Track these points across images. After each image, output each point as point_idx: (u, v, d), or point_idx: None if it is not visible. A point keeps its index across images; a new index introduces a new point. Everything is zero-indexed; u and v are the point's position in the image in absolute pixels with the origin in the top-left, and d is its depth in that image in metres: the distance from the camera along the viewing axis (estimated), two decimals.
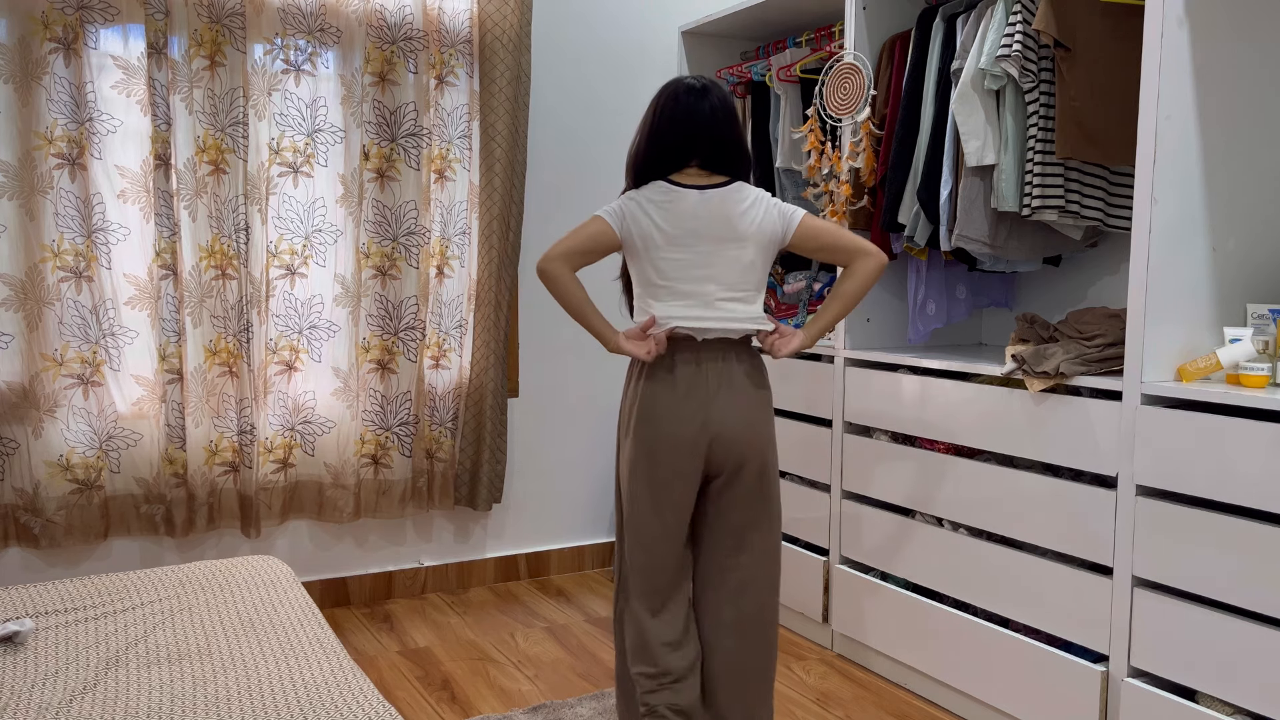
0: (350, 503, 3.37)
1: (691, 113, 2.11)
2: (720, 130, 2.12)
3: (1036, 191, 2.49)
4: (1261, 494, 1.97)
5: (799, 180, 3.43)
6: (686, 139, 2.11)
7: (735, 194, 2.12)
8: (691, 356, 2.12)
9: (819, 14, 3.42)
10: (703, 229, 2.10)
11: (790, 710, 2.73)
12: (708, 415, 2.10)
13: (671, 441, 2.10)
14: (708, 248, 2.11)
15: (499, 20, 3.42)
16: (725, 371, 2.12)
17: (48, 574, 3.10)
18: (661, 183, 2.13)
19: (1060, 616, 2.40)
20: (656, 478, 2.13)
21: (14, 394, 2.96)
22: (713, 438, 2.10)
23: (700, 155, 2.13)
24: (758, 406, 2.15)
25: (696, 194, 2.11)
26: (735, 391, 2.12)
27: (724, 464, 2.13)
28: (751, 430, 2.12)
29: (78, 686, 1.75)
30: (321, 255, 3.31)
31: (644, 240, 2.11)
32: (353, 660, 2.22)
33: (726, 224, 2.10)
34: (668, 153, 2.13)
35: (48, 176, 2.93)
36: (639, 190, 2.15)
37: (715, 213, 2.10)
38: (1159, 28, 2.14)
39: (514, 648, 3.16)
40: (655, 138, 2.14)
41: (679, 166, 2.13)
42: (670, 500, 2.14)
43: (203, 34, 3.07)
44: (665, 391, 2.11)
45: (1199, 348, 2.26)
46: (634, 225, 2.12)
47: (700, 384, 2.10)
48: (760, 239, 2.13)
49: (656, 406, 2.11)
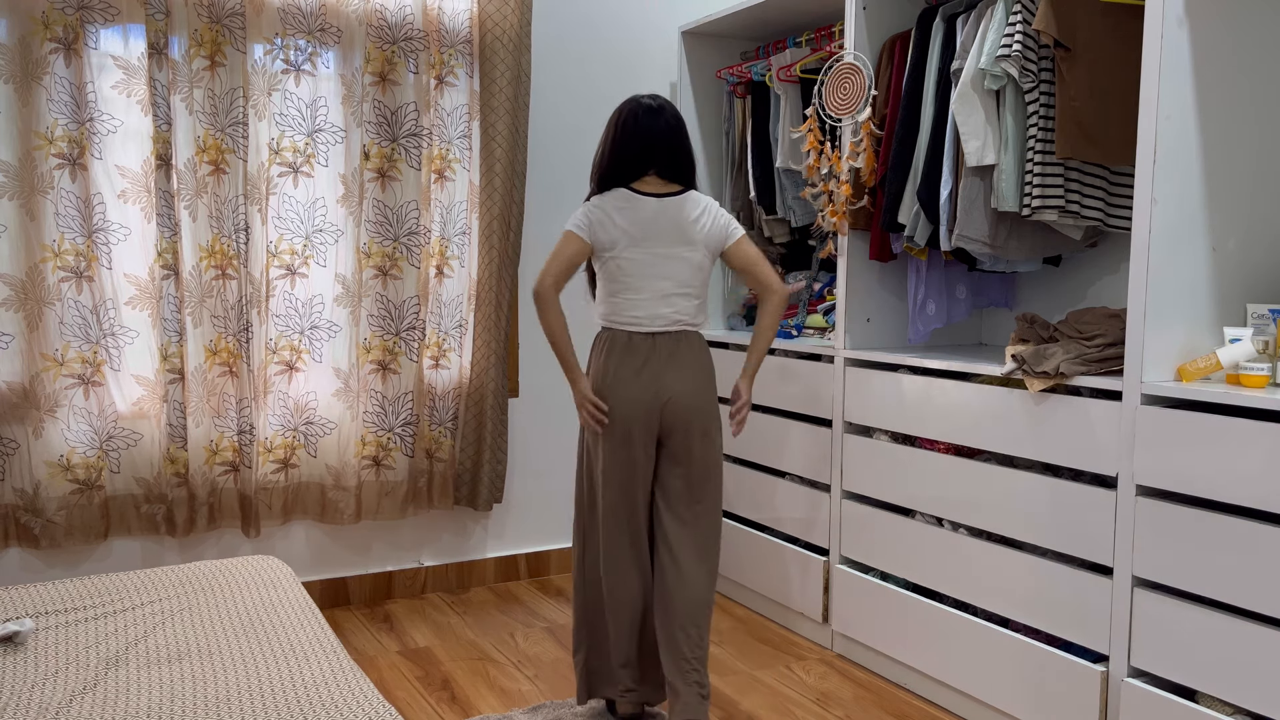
0: (351, 504, 3.37)
1: (650, 127, 2.45)
2: (674, 143, 2.46)
3: (1036, 191, 2.49)
4: (1261, 494, 1.97)
5: (799, 180, 3.43)
6: (645, 150, 2.44)
7: (688, 202, 2.46)
8: (648, 338, 2.45)
9: (819, 14, 3.42)
10: (660, 232, 2.43)
11: (790, 710, 2.73)
12: (660, 385, 2.43)
13: (630, 405, 2.42)
14: (663, 249, 2.43)
15: (499, 20, 3.42)
16: (675, 351, 2.45)
17: (48, 574, 3.10)
18: (624, 190, 2.45)
19: (1060, 616, 2.40)
20: (620, 432, 2.44)
21: (14, 394, 2.96)
22: (664, 403, 2.43)
23: (658, 165, 2.46)
24: (703, 380, 2.48)
25: (655, 201, 2.43)
26: (683, 366, 2.45)
27: (674, 425, 2.44)
28: (699, 398, 2.45)
29: (78, 686, 1.75)
30: (322, 255, 3.31)
31: (610, 242, 2.43)
32: (353, 660, 2.22)
33: (680, 229, 2.44)
34: (630, 162, 2.45)
35: (48, 176, 2.93)
36: (603, 197, 2.46)
37: (671, 218, 2.43)
38: (1159, 28, 2.14)
39: (514, 648, 3.16)
40: (618, 149, 2.46)
41: (639, 175, 2.46)
42: (631, 455, 2.44)
43: (203, 34, 3.07)
44: (626, 365, 2.44)
45: (1199, 348, 2.26)
46: (600, 230, 2.43)
47: (654, 360, 2.43)
48: (709, 243, 2.47)
49: (620, 377, 2.43)
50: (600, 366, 2.46)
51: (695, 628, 2.46)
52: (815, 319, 3.41)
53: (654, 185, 2.46)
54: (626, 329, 2.45)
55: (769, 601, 3.41)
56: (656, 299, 2.43)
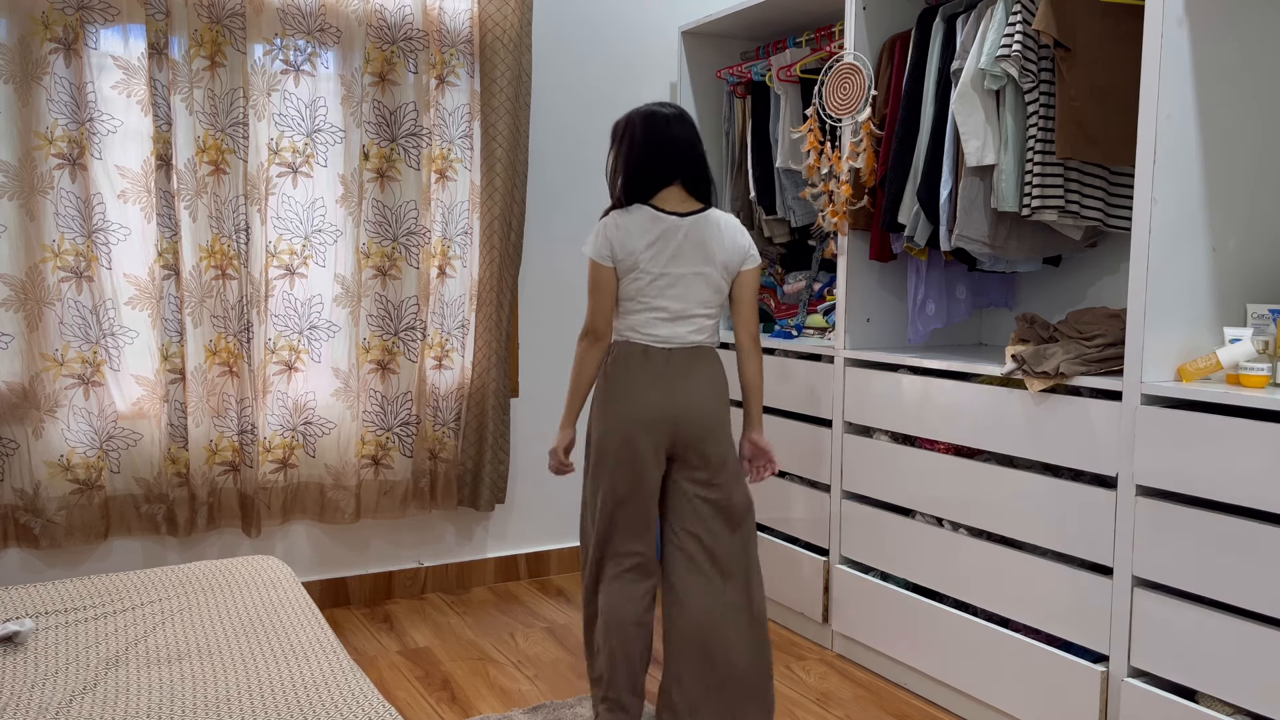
0: (351, 504, 3.37)
1: (673, 138, 2.36)
2: (697, 154, 2.38)
3: (1036, 191, 2.49)
4: (1261, 494, 1.97)
5: (799, 180, 3.43)
6: (670, 162, 2.36)
7: (711, 221, 2.38)
8: (664, 352, 2.37)
9: (819, 14, 3.42)
10: (684, 253, 2.35)
11: (790, 710, 2.73)
12: (672, 400, 2.35)
13: (640, 419, 2.34)
14: (686, 269, 2.35)
15: (499, 20, 3.42)
16: (689, 368, 2.37)
17: (48, 574, 3.10)
18: (647, 208, 2.35)
19: (1060, 616, 2.40)
20: (629, 446, 2.35)
21: (14, 394, 2.96)
22: (676, 418, 2.35)
23: (683, 177, 2.37)
24: (715, 398, 2.39)
25: (679, 220, 2.35)
26: (695, 382, 2.37)
27: (688, 439, 2.36)
28: (712, 417, 2.37)
29: (78, 686, 1.75)
30: (321, 255, 3.31)
31: (632, 263, 2.34)
32: (353, 660, 2.22)
33: (703, 249, 2.36)
34: (655, 175, 2.36)
35: (48, 176, 2.93)
36: (625, 214, 2.36)
37: (695, 239, 2.35)
38: (1159, 28, 2.14)
39: (514, 648, 3.16)
40: (641, 160, 2.36)
41: (662, 188, 2.36)
42: (639, 473, 2.35)
43: (203, 34, 3.07)
44: (640, 377, 2.36)
45: (1199, 348, 2.26)
46: (621, 250, 2.34)
47: (668, 373, 2.36)
48: (728, 264, 2.39)
49: (633, 389, 2.35)
50: (613, 376, 2.38)
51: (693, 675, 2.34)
52: (815, 319, 3.41)
53: (676, 201, 2.37)
54: (643, 343, 2.37)
55: (769, 601, 3.41)
56: (678, 319, 2.36)
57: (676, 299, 2.35)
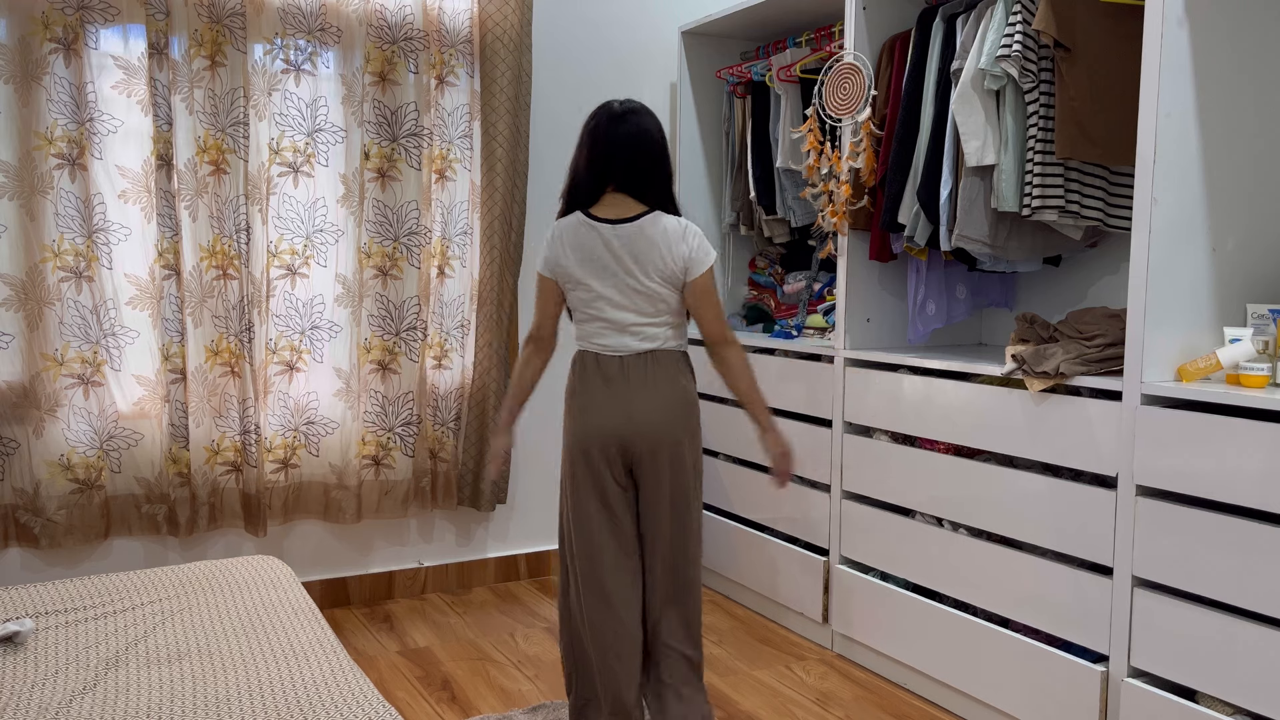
0: (353, 504, 3.37)
1: (611, 136, 2.21)
2: (636, 153, 2.21)
3: (1036, 191, 2.49)
4: (1261, 494, 1.97)
5: (799, 180, 3.43)
6: (604, 163, 2.21)
7: (649, 227, 2.21)
8: (616, 360, 2.26)
9: (819, 14, 3.42)
10: (614, 265, 2.21)
11: (790, 710, 2.73)
12: (628, 410, 2.23)
13: (599, 433, 2.24)
14: (621, 281, 2.22)
15: (499, 20, 3.42)
16: (646, 376, 2.25)
17: (48, 574, 3.10)
18: (579, 217, 2.24)
19: (1060, 616, 2.40)
20: (589, 464, 2.26)
21: (14, 394, 2.96)
22: (631, 430, 2.23)
23: (616, 179, 2.22)
24: (677, 404, 2.26)
25: (609, 229, 2.21)
26: (654, 392, 2.24)
27: (641, 453, 2.24)
28: (670, 427, 2.24)
29: (78, 686, 1.75)
30: (322, 255, 3.31)
31: (566, 275, 2.26)
32: (353, 660, 2.22)
33: (636, 260, 2.21)
34: (589, 179, 2.24)
35: (48, 176, 2.93)
36: (561, 224, 2.27)
37: (629, 249, 2.21)
38: (1159, 27, 2.14)
39: (514, 648, 3.16)
40: (576, 164, 2.27)
41: (599, 191, 2.24)
42: (600, 486, 2.26)
43: (203, 34, 3.07)
44: (594, 386, 2.26)
45: (1199, 348, 2.26)
46: (557, 267, 2.27)
47: (621, 383, 2.24)
48: (667, 274, 2.22)
49: (588, 400, 2.26)
50: (575, 387, 2.31)
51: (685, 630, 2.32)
52: (815, 319, 3.41)
53: (612, 207, 2.22)
54: (595, 352, 2.27)
55: (769, 601, 3.42)
56: (623, 330, 2.23)
57: (616, 310, 2.22)
